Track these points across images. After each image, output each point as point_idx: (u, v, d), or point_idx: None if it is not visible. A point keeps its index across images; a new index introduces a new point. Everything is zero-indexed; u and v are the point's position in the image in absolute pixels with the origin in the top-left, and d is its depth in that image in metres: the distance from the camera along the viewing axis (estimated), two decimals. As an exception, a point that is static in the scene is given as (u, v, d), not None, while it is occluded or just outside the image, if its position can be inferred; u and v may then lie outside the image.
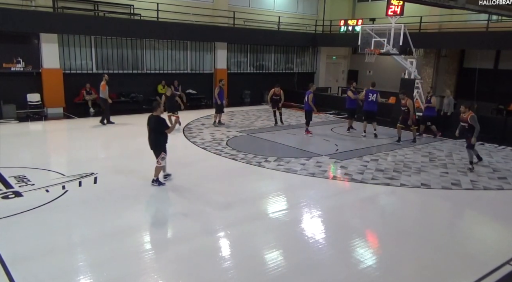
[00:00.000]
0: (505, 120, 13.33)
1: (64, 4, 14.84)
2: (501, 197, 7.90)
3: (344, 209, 7.11)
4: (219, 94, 13.49)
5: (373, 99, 12.30)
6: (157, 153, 7.46)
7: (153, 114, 7.41)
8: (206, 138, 11.73)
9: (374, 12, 19.75)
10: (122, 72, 16.53)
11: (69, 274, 4.69)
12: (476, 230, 6.54)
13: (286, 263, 5.14)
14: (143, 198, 7.19)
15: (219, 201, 7.11)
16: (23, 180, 7.64)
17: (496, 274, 4.95)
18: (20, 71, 14.22)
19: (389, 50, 13.84)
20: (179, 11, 16.93)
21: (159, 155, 7.42)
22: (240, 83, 19.73)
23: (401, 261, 5.31)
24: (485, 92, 15.93)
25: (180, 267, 4.96)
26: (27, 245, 5.31)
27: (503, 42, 14.87)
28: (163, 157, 7.47)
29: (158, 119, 7.38)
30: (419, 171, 9.10)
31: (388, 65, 19.54)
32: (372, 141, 12.06)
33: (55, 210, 6.46)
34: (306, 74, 22.39)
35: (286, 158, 9.86)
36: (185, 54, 18.27)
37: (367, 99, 12.44)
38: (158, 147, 7.46)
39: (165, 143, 7.54)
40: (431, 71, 18.64)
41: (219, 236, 5.87)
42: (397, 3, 13.69)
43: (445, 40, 16.64)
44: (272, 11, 20.56)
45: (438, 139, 12.56)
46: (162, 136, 7.44)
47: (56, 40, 14.60)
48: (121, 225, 6.06)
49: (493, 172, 9.27)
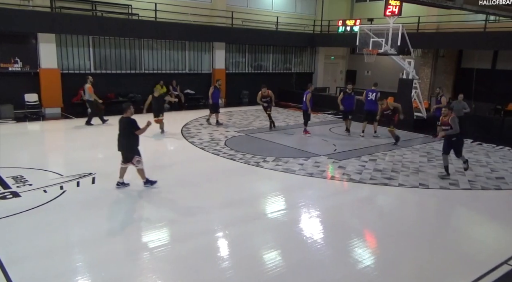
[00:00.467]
0: (503, 121, 13.37)
1: (62, 4, 14.81)
2: (499, 197, 7.92)
3: (342, 209, 7.11)
4: (213, 94, 13.52)
5: (372, 98, 12.35)
6: (129, 156, 7.20)
7: (124, 116, 7.18)
8: (204, 138, 11.72)
9: (372, 12, 19.79)
10: (120, 72, 16.51)
11: (67, 274, 4.67)
12: (474, 230, 6.55)
13: (284, 263, 5.14)
14: (140, 198, 7.17)
15: (217, 201, 7.10)
16: (20, 180, 7.62)
17: (494, 274, 4.96)
18: (17, 71, 14.19)
19: (387, 51, 13.86)
20: (177, 11, 16.92)
21: (133, 159, 7.18)
22: (238, 83, 19.74)
23: (399, 261, 5.32)
24: (482, 92, 15.96)
25: (178, 267, 4.95)
26: (24, 246, 5.29)
27: (500, 42, 14.92)
28: (138, 160, 7.23)
29: (129, 120, 7.14)
30: (417, 171, 9.11)
31: (386, 65, 19.58)
32: (370, 141, 12.08)
33: (53, 211, 6.44)
34: (304, 75, 22.40)
35: (285, 158, 9.86)
36: (183, 54, 18.26)
37: (367, 99, 12.52)
38: (130, 150, 7.21)
39: (137, 145, 7.29)
40: (429, 71, 18.69)
41: (217, 236, 5.87)
42: (395, 3, 13.70)
43: (443, 41, 16.68)
44: (270, 11, 20.58)
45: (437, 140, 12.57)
46: (133, 139, 7.20)
47: (54, 40, 14.58)
48: (119, 225, 6.05)
49: (491, 172, 9.30)
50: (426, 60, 18.71)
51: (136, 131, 7.17)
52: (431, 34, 17.29)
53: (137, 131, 7.18)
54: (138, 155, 7.29)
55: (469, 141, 12.40)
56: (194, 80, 18.55)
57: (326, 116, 16.69)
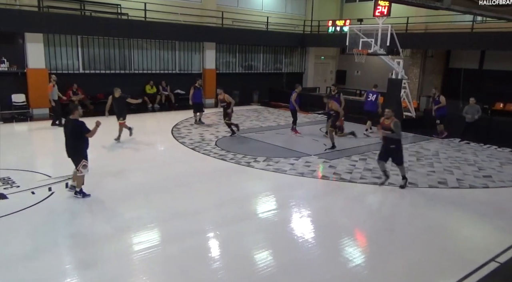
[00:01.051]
0: (490, 120, 13.56)
1: (50, 3, 14.62)
2: (486, 195, 8.03)
3: (333, 208, 7.15)
4: (194, 94, 13.54)
5: (373, 99, 12.90)
6: (77, 161, 6.75)
7: (70, 118, 6.78)
8: (194, 138, 11.68)
9: (361, 12, 19.89)
10: (109, 72, 16.36)
11: (56, 276, 4.62)
12: (463, 228, 6.64)
13: (275, 263, 5.15)
14: (130, 199, 7.11)
15: (208, 201, 7.08)
16: (8, 182, 7.51)
17: (482, 271, 5.03)
18: (4, 71, 13.96)
19: (377, 51, 13.97)
20: (167, 11, 16.82)
21: (80, 163, 6.72)
22: (229, 83, 19.59)
23: (389, 259, 5.36)
24: (470, 92, 16.12)
25: (169, 268, 4.93)
26: (12, 248, 5.21)
27: (487, 43, 15.14)
28: (84, 165, 6.75)
29: (76, 123, 6.71)
30: (406, 170, 9.18)
31: (376, 65, 19.71)
32: (360, 140, 12.16)
33: (41, 212, 6.36)
34: (294, 74, 22.45)
35: (275, 158, 9.87)
36: (173, 54, 18.16)
37: (367, 100, 13.06)
38: (77, 154, 6.76)
39: (85, 149, 6.83)
40: (417, 71, 18.86)
41: (208, 236, 5.86)
42: (384, 4, 13.82)
43: (431, 41, 16.87)
44: (261, 11, 20.58)
45: (425, 139, 12.72)
46: (81, 142, 6.75)
47: (42, 40, 14.37)
48: (108, 226, 5.99)
49: (478, 170, 9.42)
50: (415, 60, 18.88)
51: (86, 135, 6.72)
52: (420, 34, 17.46)
53: (87, 135, 6.72)
54: (85, 158, 6.81)
55: (457, 140, 12.57)
56: (184, 80, 18.43)
57: (316, 116, 16.75)
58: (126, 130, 11.13)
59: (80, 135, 6.72)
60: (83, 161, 6.76)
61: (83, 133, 6.71)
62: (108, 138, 10.84)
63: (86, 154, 6.87)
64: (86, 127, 6.74)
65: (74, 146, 6.77)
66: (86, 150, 6.87)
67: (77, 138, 6.74)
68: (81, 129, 6.69)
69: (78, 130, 6.70)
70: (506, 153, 11.20)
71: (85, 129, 6.72)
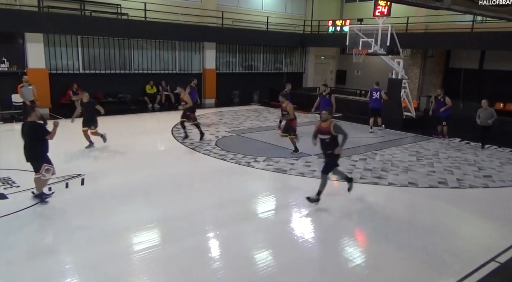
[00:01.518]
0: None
1: (50, 3, 14.62)
2: (486, 195, 8.03)
3: (332, 208, 7.14)
4: (190, 94, 13.48)
5: (377, 97, 13.06)
6: (37, 166, 6.43)
7: (28, 121, 6.45)
8: (195, 138, 11.66)
9: (361, 12, 19.89)
10: (110, 72, 16.37)
11: (56, 276, 4.62)
12: (463, 228, 6.63)
13: (275, 263, 5.15)
14: (130, 200, 7.11)
15: (208, 201, 7.08)
16: (8, 182, 7.51)
17: (482, 271, 5.03)
18: (4, 71, 13.98)
19: (377, 51, 13.97)
20: (167, 11, 16.82)
21: (41, 167, 6.40)
22: (229, 83, 19.71)
23: (389, 259, 5.36)
24: (470, 92, 16.17)
25: (169, 268, 4.93)
26: (12, 248, 5.21)
27: (487, 43, 15.15)
28: (47, 169, 6.44)
29: (34, 125, 6.38)
30: (406, 170, 9.19)
31: (376, 65, 19.71)
32: (360, 140, 12.16)
33: (41, 212, 6.36)
34: (294, 74, 22.45)
35: (275, 158, 9.87)
36: (173, 54, 18.17)
37: (372, 97, 13.21)
38: (37, 158, 6.43)
39: (45, 152, 6.51)
40: (418, 71, 18.87)
41: (208, 236, 5.85)
42: (384, 4, 13.83)
43: (431, 41, 16.88)
44: (261, 11, 20.58)
45: (425, 139, 12.71)
46: (40, 145, 6.42)
47: (42, 40, 14.39)
48: (109, 226, 5.99)
49: (478, 170, 9.42)
50: (415, 60, 18.89)
51: (46, 136, 6.41)
52: (420, 34, 17.47)
53: (47, 136, 6.41)
54: (48, 162, 6.51)
55: (457, 140, 12.56)
56: (184, 80, 18.41)
57: (316, 116, 16.73)
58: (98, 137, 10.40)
59: (38, 138, 6.40)
60: (45, 165, 6.44)
61: (41, 135, 6.39)
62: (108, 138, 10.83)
63: (48, 157, 6.56)
64: (45, 129, 6.49)
65: (34, 149, 6.44)
66: (47, 153, 6.56)
67: (34, 140, 6.41)
68: (39, 131, 6.38)
69: (35, 133, 6.37)
70: (506, 153, 11.20)
71: (44, 131, 6.43)
